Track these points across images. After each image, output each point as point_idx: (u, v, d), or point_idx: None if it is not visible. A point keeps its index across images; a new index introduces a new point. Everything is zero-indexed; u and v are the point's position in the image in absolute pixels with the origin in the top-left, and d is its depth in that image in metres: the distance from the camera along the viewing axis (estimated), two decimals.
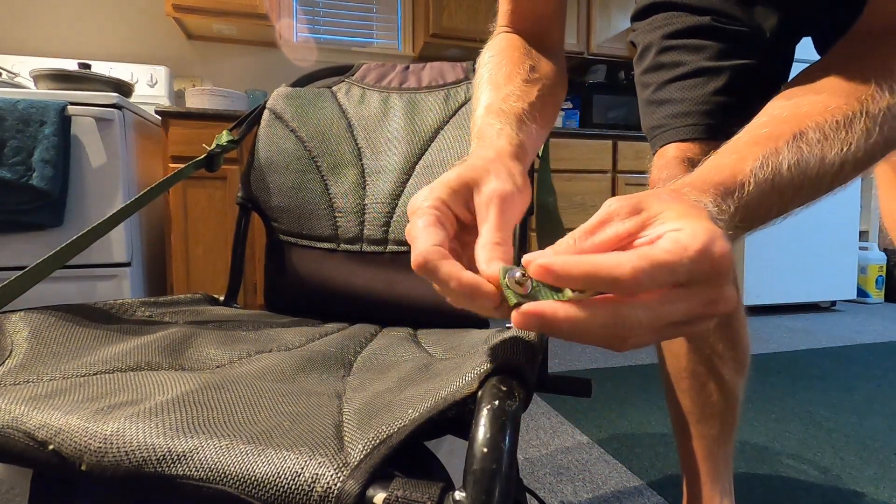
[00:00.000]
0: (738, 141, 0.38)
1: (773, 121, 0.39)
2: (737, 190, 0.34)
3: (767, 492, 1.01)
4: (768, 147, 0.36)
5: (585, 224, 0.28)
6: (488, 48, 0.54)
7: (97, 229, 0.58)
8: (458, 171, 0.34)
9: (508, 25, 0.55)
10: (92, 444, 0.29)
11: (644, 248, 0.25)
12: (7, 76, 1.94)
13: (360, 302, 0.74)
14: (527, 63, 0.49)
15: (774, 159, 0.35)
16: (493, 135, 0.40)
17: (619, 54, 2.75)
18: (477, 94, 0.48)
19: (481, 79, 0.49)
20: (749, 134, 0.38)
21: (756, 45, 0.64)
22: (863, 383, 1.64)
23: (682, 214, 0.27)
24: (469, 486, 0.24)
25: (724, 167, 0.35)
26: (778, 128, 0.37)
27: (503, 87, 0.46)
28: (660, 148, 0.69)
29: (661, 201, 0.28)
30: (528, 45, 0.53)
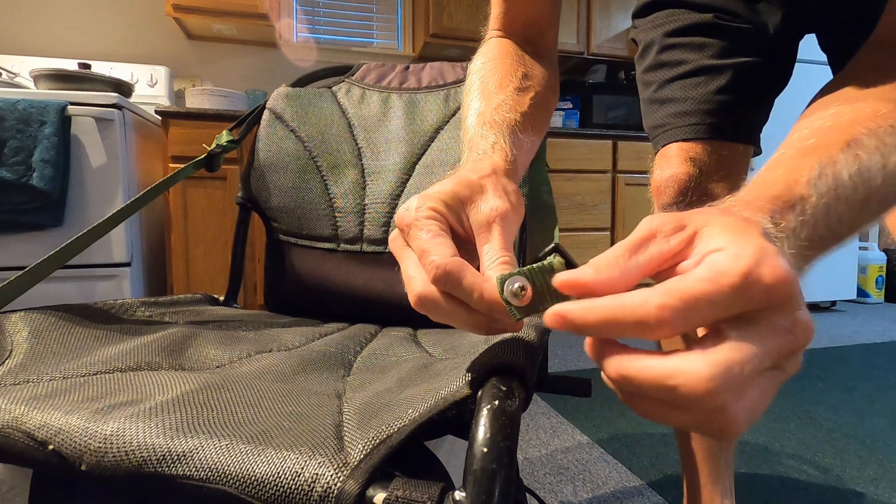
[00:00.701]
0: (782, 155, 0.34)
1: (817, 131, 0.35)
2: (797, 203, 0.29)
3: (767, 492, 1.01)
4: (821, 156, 0.32)
5: (626, 241, 0.25)
6: (480, 54, 0.52)
7: (97, 229, 0.58)
8: (452, 185, 0.33)
9: (500, 29, 0.54)
10: (92, 444, 0.29)
11: (673, 281, 0.21)
12: (7, 76, 1.94)
13: (360, 302, 0.74)
14: (519, 70, 0.48)
15: (832, 168, 0.31)
16: (487, 148, 0.39)
17: (619, 54, 2.75)
18: (467, 102, 0.47)
19: (472, 86, 0.48)
20: (794, 147, 0.34)
21: (759, 42, 0.64)
22: (863, 383, 1.64)
23: (728, 229, 0.23)
24: (469, 486, 0.24)
25: (775, 181, 0.31)
26: (826, 137, 0.34)
27: (494, 96, 0.45)
28: (661, 147, 0.68)
29: (706, 215, 0.24)
30: (521, 51, 0.52)
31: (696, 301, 0.20)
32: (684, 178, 0.64)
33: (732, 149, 0.65)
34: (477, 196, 0.33)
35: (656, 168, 0.68)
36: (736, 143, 0.65)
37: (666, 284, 0.21)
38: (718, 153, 0.64)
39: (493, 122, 0.42)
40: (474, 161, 0.37)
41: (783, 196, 0.29)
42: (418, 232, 0.30)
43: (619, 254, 0.24)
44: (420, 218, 0.30)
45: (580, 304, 0.22)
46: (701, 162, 0.64)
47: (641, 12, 0.72)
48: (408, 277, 0.30)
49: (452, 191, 0.32)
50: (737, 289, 0.20)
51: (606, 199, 2.44)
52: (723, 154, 0.64)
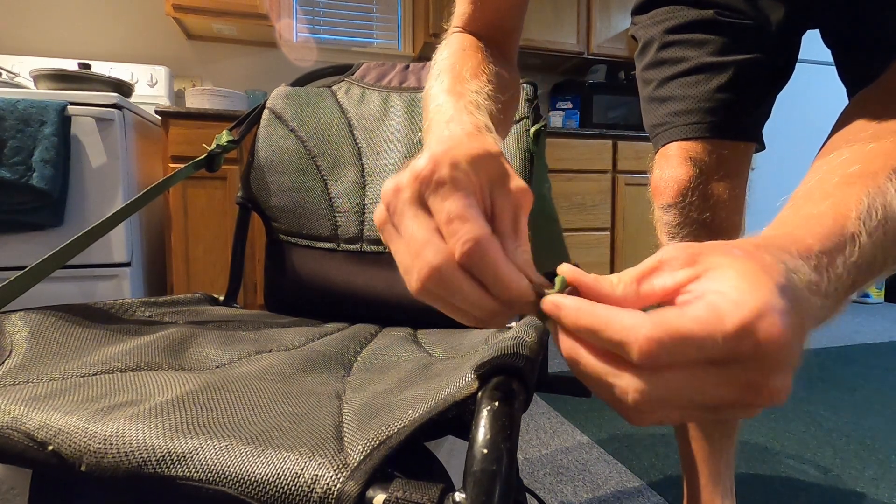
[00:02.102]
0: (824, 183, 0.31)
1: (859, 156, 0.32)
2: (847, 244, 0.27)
3: (767, 492, 1.01)
4: (868, 186, 0.29)
5: (635, 268, 0.24)
6: (444, 47, 0.48)
7: (97, 229, 0.58)
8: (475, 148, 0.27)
9: (463, 28, 0.51)
10: (92, 445, 0.29)
11: (669, 313, 0.21)
12: (7, 76, 1.94)
13: (360, 302, 0.74)
14: (491, 66, 0.44)
15: (881, 199, 0.28)
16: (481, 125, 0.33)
17: (619, 54, 2.75)
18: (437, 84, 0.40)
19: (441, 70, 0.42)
20: (836, 174, 0.31)
21: (761, 38, 0.63)
22: (863, 383, 1.64)
23: (741, 274, 0.21)
24: (469, 486, 0.24)
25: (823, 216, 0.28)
26: (870, 163, 0.31)
27: (471, 82, 0.40)
28: (661, 147, 0.68)
29: (724, 256, 0.23)
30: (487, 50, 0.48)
31: (685, 341, 0.20)
32: (684, 178, 0.64)
33: (733, 147, 0.64)
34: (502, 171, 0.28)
35: (656, 167, 0.68)
36: (737, 142, 0.65)
37: (661, 315, 0.21)
38: (719, 152, 0.64)
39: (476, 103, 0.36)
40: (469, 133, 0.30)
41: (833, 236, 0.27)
42: (453, 192, 0.25)
43: (624, 282, 0.24)
44: (457, 178, 0.25)
45: (576, 303, 0.22)
46: (701, 161, 0.64)
47: (641, 9, 0.71)
48: (419, 245, 0.25)
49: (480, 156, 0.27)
50: (728, 338, 0.20)
51: (606, 199, 2.43)
52: (723, 153, 0.64)
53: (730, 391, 0.21)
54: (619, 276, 0.24)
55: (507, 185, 0.27)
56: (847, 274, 0.26)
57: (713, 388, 0.21)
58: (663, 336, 0.20)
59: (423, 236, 0.25)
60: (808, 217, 0.28)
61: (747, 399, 0.21)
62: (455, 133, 0.30)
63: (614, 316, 0.21)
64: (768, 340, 0.20)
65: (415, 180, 0.25)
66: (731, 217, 0.65)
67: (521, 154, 0.73)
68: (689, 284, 0.22)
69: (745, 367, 0.20)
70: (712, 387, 0.21)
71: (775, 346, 0.20)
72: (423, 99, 0.42)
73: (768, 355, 0.20)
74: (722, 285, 0.21)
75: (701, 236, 0.65)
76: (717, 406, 0.21)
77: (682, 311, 0.21)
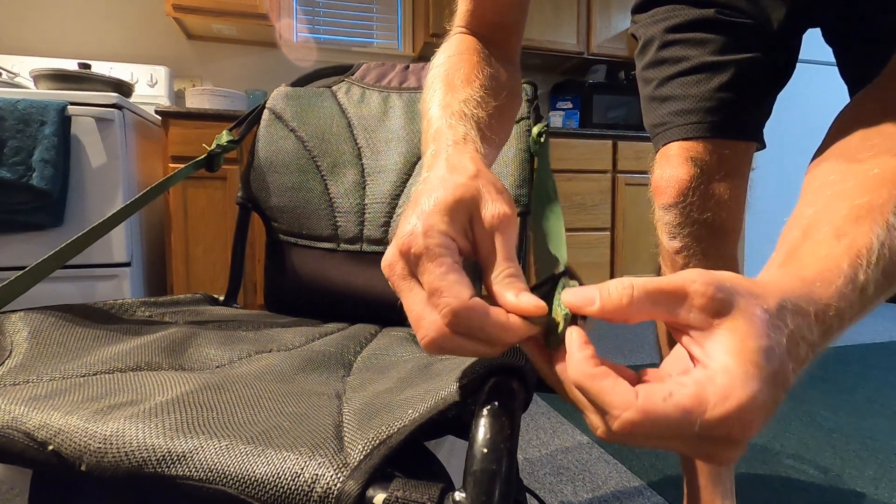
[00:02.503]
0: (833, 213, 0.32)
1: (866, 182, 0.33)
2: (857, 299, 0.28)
3: (767, 492, 1.01)
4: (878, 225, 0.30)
5: (654, 283, 0.25)
6: (444, 49, 0.49)
7: (97, 229, 0.58)
8: (451, 191, 0.30)
9: (466, 27, 0.51)
10: (92, 445, 0.29)
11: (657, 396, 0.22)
12: (7, 76, 1.94)
13: (360, 302, 0.74)
14: (486, 69, 0.45)
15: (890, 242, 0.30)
16: (459, 139, 0.36)
17: (619, 54, 2.75)
18: (429, 95, 0.43)
19: (435, 79, 0.44)
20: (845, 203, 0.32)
21: (762, 37, 0.63)
22: (863, 383, 1.64)
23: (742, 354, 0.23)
24: (469, 486, 0.24)
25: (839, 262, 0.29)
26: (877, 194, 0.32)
27: (461, 90, 0.41)
28: (662, 146, 0.67)
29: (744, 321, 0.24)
30: (486, 50, 0.49)
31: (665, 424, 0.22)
32: (685, 178, 0.64)
33: (734, 147, 0.64)
34: (477, 202, 0.30)
35: (657, 167, 0.68)
36: (738, 142, 0.64)
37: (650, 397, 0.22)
38: (720, 152, 0.64)
39: (462, 114, 0.38)
40: (448, 158, 0.33)
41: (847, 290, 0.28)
42: (429, 264, 0.27)
43: (636, 296, 0.24)
44: (432, 246, 0.27)
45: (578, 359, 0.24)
46: (702, 161, 0.64)
47: (641, 7, 0.71)
48: (416, 318, 0.27)
49: (454, 199, 0.29)
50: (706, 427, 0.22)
51: (606, 199, 2.44)
52: (724, 153, 0.64)
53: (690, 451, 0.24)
54: (633, 283, 0.25)
55: (482, 215, 0.30)
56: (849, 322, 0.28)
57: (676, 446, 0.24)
58: (645, 420, 0.22)
59: (417, 311, 0.27)
60: (825, 262, 0.29)
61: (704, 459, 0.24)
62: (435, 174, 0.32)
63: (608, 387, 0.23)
64: (741, 434, 0.22)
65: (400, 256, 0.28)
66: (732, 216, 0.64)
67: (520, 154, 0.73)
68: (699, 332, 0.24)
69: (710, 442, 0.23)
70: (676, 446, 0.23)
71: (744, 437, 0.23)
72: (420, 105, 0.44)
73: (733, 441, 0.23)
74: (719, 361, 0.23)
75: (702, 236, 0.65)
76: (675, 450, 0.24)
77: (670, 396, 0.22)
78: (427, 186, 0.31)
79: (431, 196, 0.30)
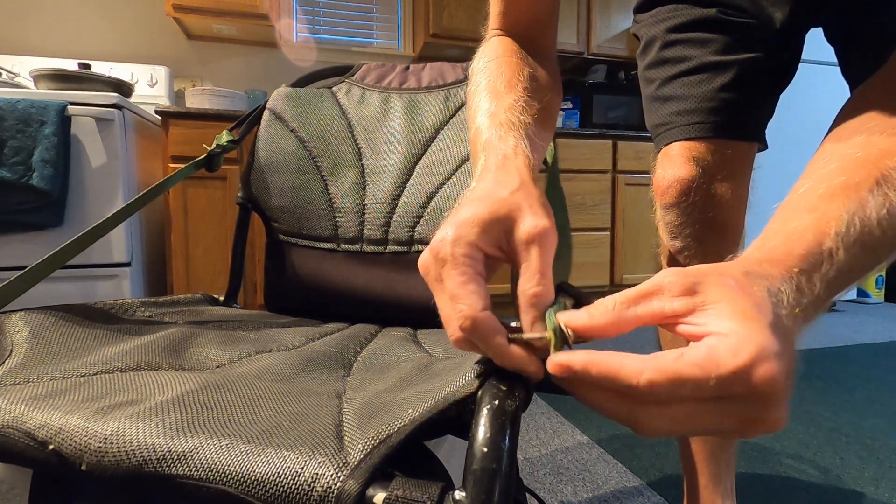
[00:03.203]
0: (810, 194, 0.33)
1: (846, 164, 0.34)
2: (824, 261, 0.29)
3: (767, 492, 1.01)
4: (850, 200, 0.31)
5: (632, 290, 0.26)
6: (482, 53, 0.50)
7: (97, 229, 0.58)
8: (487, 206, 0.30)
9: (500, 28, 0.52)
10: (92, 444, 0.29)
11: (669, 358, 0.23)
12: (7, 76, 1.94)
13: (360, 302, 0.74)
14: (525, 70, 0.46)
15: (861, 214, 0.30)
16: (509, 151, 0.37)
17: (619, 54, 2.75)
18: (475, 102, 0.44)
19: (478, 86, 0.45)
20: (823, 184, 0.33)
21: (764, 37, 0.62)
22: (863, 383, 1.64)
23: (738, 314, 0.24)
24: (469, 485, 0.24)
25: (805, 231, 0.30)
26: (855, 174, 0.32)
27: (505, 96, 0.42)
28: (664, 146, 0.67)
29: (721, 288, 0.25)
30: (523, 51, 0.50)
31: (683, 383, 0.22)
32: (687, 178, 0.64)
33: (736, 147, 0.64)
34: (517, 217, 0.31)
35: (658, 167, 0.68)
36: (740, 142, 0.64)
37: (661, 359, 0.23)
38: (722, 152, 0.64)
39: (510, 123, 0.39)
40: (497, 169, 0.35)
41: (811, 254, 0.29)
42: (452, 271, 0.28)
43: (619, 302, 0.26)
44: (457, 255, 0.29)
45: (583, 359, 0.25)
46: (704, 161, 0.64)
47: (644, 7, 0.71)
48: (445, 317, 0.29)
49: (490, 213, 0.30)
50: (724, 381, 0.22)
51: (606, 199, 2.44)
52: (726, 153, 0.64)
53: (729, 422, 0.24)
54: (615, 297, 0.26)
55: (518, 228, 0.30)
56: (824, 288, 0.29)
57: (712, 419, 0.24)
58: (663, 379, 0.22)
59: (446, 312, 0.29)
60: (791, 233, 0.31)
61: (746, 429, 0.24)
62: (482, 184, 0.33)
63: (622, 363, 0.24)
64: (766, 382, 0.22)
65: (433, 258, 0.30)
66: (733, 217, 0.64)
67: None
68: (688, 316, 0.25)
69: (742, 404, 0.23)
70: (711, 418, 0.24)
71: (770, 388, 0.22)
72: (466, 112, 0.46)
73: (764, 395, 0.22)
74: (720, 326, 0.23)
75: (703, 236, 0.65)
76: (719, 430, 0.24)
77: (682, 355, 0.23)
78: (471, 196, 0.33)
79: (470, 207, 0.31)
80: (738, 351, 0.22)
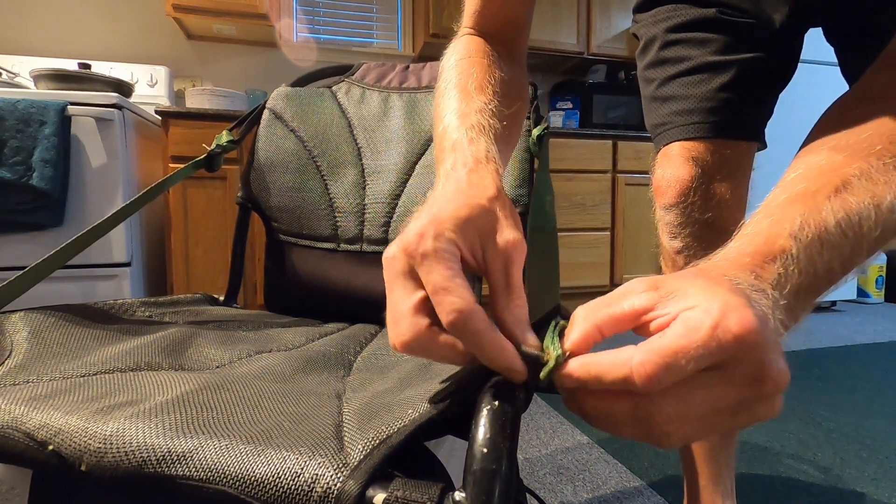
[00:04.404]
0: (771, 202, 0.34)
1: (809, 173, 0.34)
2: (778, 256, 0.30)
3: (767, 492, 1.01)
4: (806, 205, 0.32)
5: (600, 298, 0.27)
6: (453, 51, 0.49)
7: (97, 229, 0.58)
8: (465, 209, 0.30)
9: (473, 28, 0.51)
10: (92, 445, 0.29)
11: (652, 339, 0.23)
12: (7, 76, 1.94)
13: (360, 302, 0.74)
14: (496, 73, 0.45)
15: (816, 217, 0.31)
16: (481, 156, 0.35)
17: (619, 54, 2.75)
18: (443, 101, 0.42)
19: (448, 83, 0.44)
20: (785, 192, 0.34)
21: (764, 37, 0.62)
22: (863, 383, 1.64)
23: (700, 288, 0.24)
24: (469, 486, 0.24)
25: (758, 234, 0.31)
26: (816, 181, 0.33)
27: (475, 98, 0.41)
28: (663, 146, 0.67)
29: (678, 279, 0.26)
30: (495, 52, 0.48)
31: (675, 355, 0.22)
32: (686, 178, 0.64)
33: (735, 147, 0.64)
34: (493, 225, 0.30)
35: (658, 167, 0.68)
36: (739, 142, 0.64)
37: (647, 342, 0.23)
38: (721, 152, 0.64)
39: (480, 126, 0.38)
40: (470, 173, 0.33)
41: (762, 250, 0.30)
42: (436, 265, 0.27)
43: (594, 307, 0.26)
44: (440, 249, 0.27)
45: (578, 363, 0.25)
46: (703, 161, 0.64)
47: (643, 7, 0.71)
48: (397, 316, 0.27)
49: (468, 217, 0.29)
50: (708, 340, 0.22)
51: (606, 199, 2.43)
52: (726, 153, 0.64)
53: (736, 389, 0.23)
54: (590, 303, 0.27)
55: (496, 239, 0.30)
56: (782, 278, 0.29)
57: (720, 391, 0.23)
58: (654, 358, 0.22)
59: (401, 310, 0.27)
60: (747, 236, 0.32)
61: (754, 391, 0.23)
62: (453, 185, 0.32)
63: (610, 358, 0.24)
64: (743, 331, 0.22)
65: (404, 252, 0.28)
66: (733, 217, 0.64)
67: (520, 153, 0.73)
68: (656, 307, 0.25)
69: (738, 364, 0.23)
70: (718, 389, 0.23)
71: (752, 334, 0.22)
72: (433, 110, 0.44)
73: (750, 345, 0.22)
74: (688, 302, 0.24)
75: (703, 236, 0.65)
76: (733, 408, 0.24)
77: (663, 334, 0.23)
78: (443, 194, 0.31)
79: (448, 205, 0.30)
80: (708, 310, 0.23)
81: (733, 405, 0.23)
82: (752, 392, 0.23)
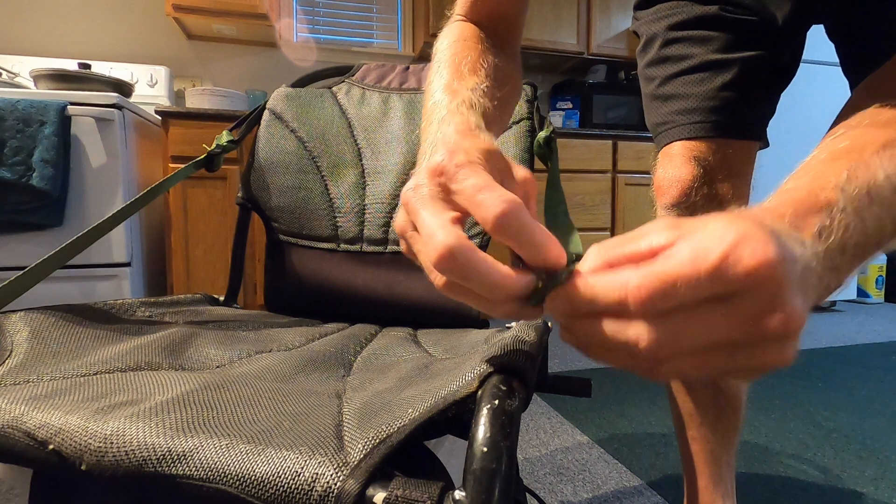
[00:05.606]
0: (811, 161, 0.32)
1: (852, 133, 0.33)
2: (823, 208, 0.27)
3: (767, 492, 1.01)
4: (852, 160, 0.30)
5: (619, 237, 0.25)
6: (446, 35, 0.47)
7: (97, 229, 0.58)
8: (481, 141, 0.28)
9: (467, 16, 0.50)
10: (92, 444, 0.29)
11: (654, 262, 0.21)
12: (7, 76, 1.94)
13: (360, 302, 0.74)
14: (489, 58, 0.44)
15: (864, 170, 0.29)
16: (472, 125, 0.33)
17: (619, 54, 2.75)
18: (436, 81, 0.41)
19: (440, 64, 0.42)
20: (825, 151, 0.32)
21: (766, 35, 0.62)
22: (863, 383, 1.64)
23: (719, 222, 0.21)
24: (469, 485, 0.24)
25: (799, 188, 0.29)
26: (860, 139, 0.32)
27: (468, 78, 0.40)
28: (665, 146, 0.67)
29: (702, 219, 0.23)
30: (489, 40, 0.47)
31: (674, 282, 0.20)
32: (688, 178, 0.63)
33: (738, 146, 0.64)
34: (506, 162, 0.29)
35: (659, 167, 0.67)
36: (741, 141, 0.64)
37: (648, 264, 0.21)
38: (723, 151, 0.63)
39: (472, 102, 0.36)
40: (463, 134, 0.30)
41: (806, 202, 0.27)
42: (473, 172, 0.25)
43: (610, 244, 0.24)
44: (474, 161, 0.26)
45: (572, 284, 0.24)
46: (705, 161, 0.63)
47: (644, 4, 0.70)
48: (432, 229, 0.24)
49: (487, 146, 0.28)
50: (714, 270, 0.20)
51: (606, 199, 2.44)
52: (728, 152, 0.63)
53: (738, 326, 0.21)
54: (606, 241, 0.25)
55: (512, 174, 0.29)
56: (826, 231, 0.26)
57: (719, 325, 0.21)
58: (652, 283, 0.20)
59: (438, 222, 0.24)
60: (786, 191, 0.29)
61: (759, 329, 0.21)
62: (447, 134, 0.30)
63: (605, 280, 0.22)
64: (756, 263, 0.20)
65: (433, 174, 0.26)
66: None
67: (520, 155, 0.73)
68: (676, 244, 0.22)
69: (746, 297, 0.20)
70: (718, 323, 0.21)
71: (766, 268, 0.20)
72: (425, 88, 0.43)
73: (762, 279, 0.20)
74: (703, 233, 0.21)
75: None
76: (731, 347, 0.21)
77: (667, 256, 0.21)
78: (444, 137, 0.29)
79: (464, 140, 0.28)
80: (721, 238, 0.20)
81: (732, 343, 0.21)
82: (755, 329, 0.20)
